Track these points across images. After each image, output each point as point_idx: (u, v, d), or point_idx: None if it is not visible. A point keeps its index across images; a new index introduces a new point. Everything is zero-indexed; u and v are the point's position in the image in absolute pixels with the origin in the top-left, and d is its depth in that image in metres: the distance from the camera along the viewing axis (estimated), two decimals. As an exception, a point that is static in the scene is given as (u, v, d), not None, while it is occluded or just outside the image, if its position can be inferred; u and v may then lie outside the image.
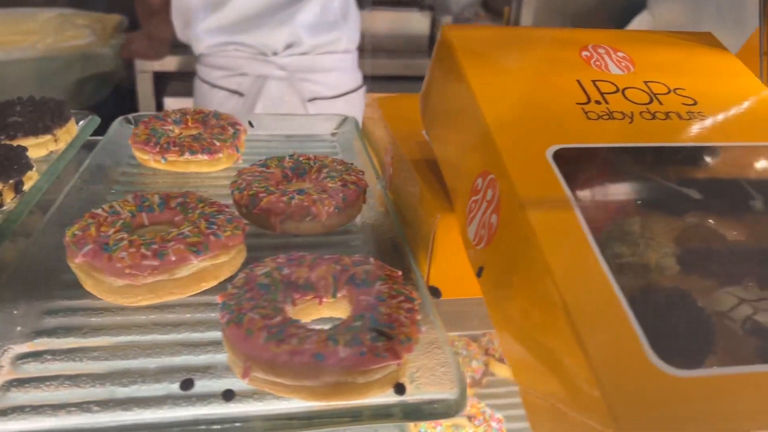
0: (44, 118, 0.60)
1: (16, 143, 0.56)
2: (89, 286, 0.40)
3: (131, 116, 0.68)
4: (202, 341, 0.39)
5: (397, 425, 0.76)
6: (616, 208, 0.40)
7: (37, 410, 0.33)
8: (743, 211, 0.42)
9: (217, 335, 0.39)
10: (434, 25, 1.94)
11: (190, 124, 0.65)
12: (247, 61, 1.40)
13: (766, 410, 0.27)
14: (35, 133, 0.59)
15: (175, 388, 0.35)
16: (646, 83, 0.43)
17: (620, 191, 0.41)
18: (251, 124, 0.70)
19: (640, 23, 1.80)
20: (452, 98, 0.45)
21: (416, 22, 1.86)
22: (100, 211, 0.44)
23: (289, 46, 1.40)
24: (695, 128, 0.40)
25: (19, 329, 0.39)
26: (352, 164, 0.55)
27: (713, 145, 0.40)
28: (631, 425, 0.26)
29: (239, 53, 1.40)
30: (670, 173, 0.42)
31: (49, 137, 0.60)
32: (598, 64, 0.44)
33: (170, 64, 1.65)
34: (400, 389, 0.34)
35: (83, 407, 0.33)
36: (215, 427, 0.32)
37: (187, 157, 0.58)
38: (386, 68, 1.68)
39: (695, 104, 0.42)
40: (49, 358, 0.37)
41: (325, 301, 0.39)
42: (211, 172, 0.60)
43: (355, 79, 1.51)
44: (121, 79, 1.78)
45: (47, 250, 0.45)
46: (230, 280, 0.40)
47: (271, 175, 0.53)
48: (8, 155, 0.52)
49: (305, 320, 0.39)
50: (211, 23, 1.38)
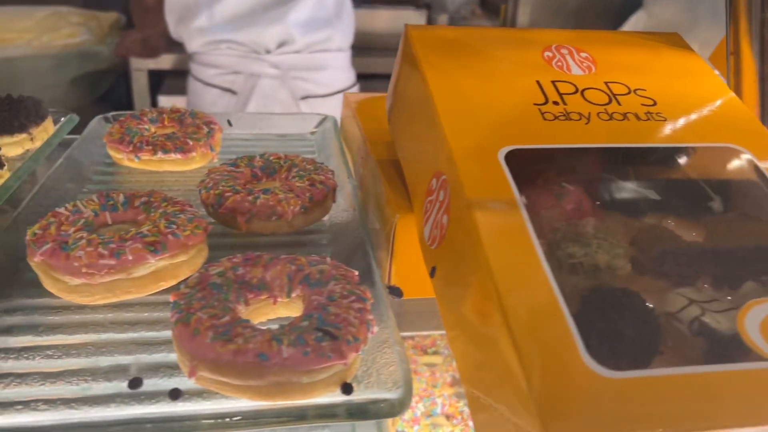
0: (20, 116, 0.61)
1: (-10, 142, 0.57)
2: (48, 284, 0.41)
3: (110, 115, 0.69)
4: (157, 340, 0.39)
5: (375, 425, 0.77)
6: (567, 208, 0.40)
7: (-18, 408, 0.33)
8: (701, 212, 0.42)
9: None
10: (430, 23, 1.93)
11: (166, 123, 0.65)
12: (239, 59, 1.40)
13: (695, 411, 0.27)
14: (10, 131, 0.60)
15: (125, 386, 0.35)
16: (606, 84, 0.43)
17: (573, 192, 0.41)
18: (229, 123, 0.71)
19: (636, 22, 1.80)
20: (412, 98, 0.45)
21: (412, 20, 1.85)
22: (62, 210, 0.44)
23: (281, 44, 1.40)
24: (652, 129, 0.40)
25: (-24, 328, 0.39)
26: (322, 164, 0.55)
27: (669, 145, 0.40)
28: (559, 426, 0.26)
29: (232, 51, 1.40)
30: (626, 174, 0.42)
31: (24, 136, 0.60)
32: (559, 64, 0.44)
33: (165, 62, 1.66)
34: (347, 389, 0.34)
35: (30, 406, 0.33)
36: (160, 425, 0.32)
37: (160, 156, 0.58)
38: (381, 67, 1.68)
39: (655, 105, 0.42)
40: (2, 356, 0.37)
41: (279, 300, 0.39)
42: (185, 171, 0.61)
43: (348, 77, 1.51)
44: (117, 77, 1.79)
45: (11, 249, 0.45)
46: (190, 279, 0.41)
47: (240, 174, 0.53)
48: (-21, 154, 0.53)
49: (260, 320, 0.39)
50: (203, 21, 1.38)
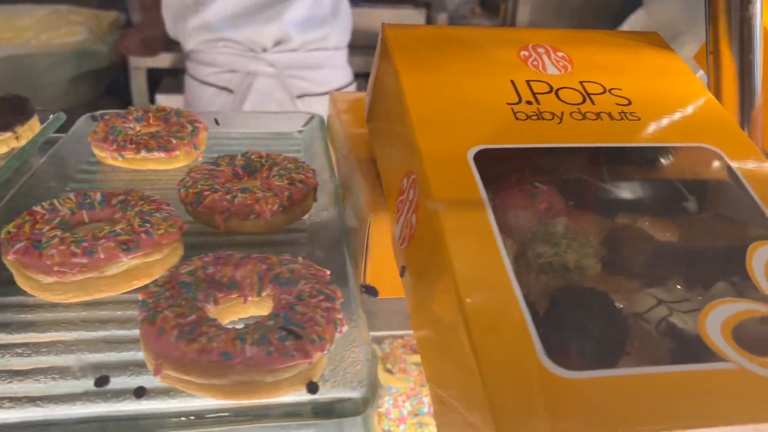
0: (5, 114, 0.61)
1: (-26, 141, 0.57)
2: (21, 283, 0.41)
3: (98, 113, 0.69)
4: (127, 338, 0.39)
5: (362, 424, 0.77)
6: (540, 208, 0.40)
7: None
8: (676, 212, 0.42)
9: (142, 333, 0.39)
10: (430, 22, 1.93)
11: (151, 121, 0.65)
12: (236, 57, 1.40)
13: (652, 412, 0.27)
14: (-5, 130, 0.60)
15: (92, 384, 0.35)
16: (581, 83, 0.43)
17: (545, 192, 0.40)
18: (216, 122, 0.71)
19: (636, 21, 1.79)
20: (387, 98, 0.45)
21: (411, 19, 1.85)
22: (38, 208, 0.44)
23: (278, 42, 1.40)
24: (626, 129, 0.40)
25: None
26: (303, 163, 0.55)
27: (642, 145, 0.40)
28: (512, 426, 0.26)
29: (228, 50, 1.40)
30: (601, 174, 0.42)
31: (9, 134, 0.60)
32: (535, 64, 0.44)
33: (164, 61, 1.66)
34: (312, 388, 0.34)
35: (-4, 403, 0.33)
36: (123, 423, 0.32)
37: (143, 154, 0.58)
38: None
39: (629, 104, 0.42)
40: (-29, 354, 0.37)
41: (250, 300, 0.39)
42: (169, 170, 0.61)
43: (345, 76, 1.51)
44: (116, 75, 1.79)
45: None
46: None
47: (220, 173, 0.53)
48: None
49: (230, 319, 0.39)
50: (200, 19, 1.38)
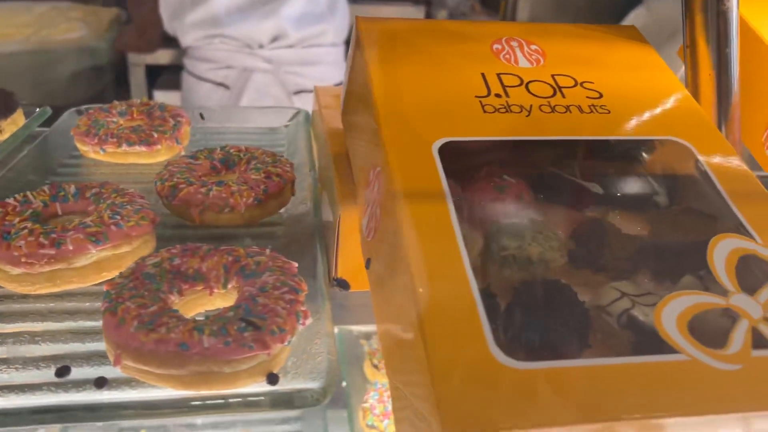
0: (-12, 108, 0.61)
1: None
2: (-10, 274, 0.41)
3: (83, 107, 0.69)
4: (94, 329, 0.39)
5: (347, 417, 0.77)
6: (508, 201, 0.40)
7: None
8: (646, 205, 0.41)
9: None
10: (429, 18, 1.92)
11: (135, 115, 0.65)
12: (232, 53, 1.40)
13: (601, 402, 0.27)
14: (-22, 123, 0.60)
15: (53, 375, 0.35)
16: (553, 76, 0.43)
17: (514, 184, 0.40)
18: (202, 116, 0.71)
19: (636, 17, 1.78)
20: (358, 91, 0.45)
21: (411, 16, 1.85)
22: (11, 200, 0.44)
23: (274, 38, 1.40)
24: (595, 122, 0.40)
25: None
26: (281, 156, 0.55)
27: (610, 138, 0.40)
28: (457, 416, 0.26)
29: (225, 46, 1.40)
30: (571, 167, 0.42)
31: (-8, 128, 0.61)
32: (507, 57, 0.44)
33: (162, 57, 1.66)
34: (272, 379, 0.35)
35: (-43, 393, 0.34)
36: (82, 414, 0.32)
37: (125, 148, 0.59)
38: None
39: (600, 98, 0.42)
40: (-64, 344, 0.37)
41: (215, 292, 0.39)
42: (151, 163, 0.61)
43: (342, 72, 1.51)
44: (116, 72, 1.79)
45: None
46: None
47: (198, 166, 0.53)
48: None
49: (197, 311, 0.39)
50: (197, 15, 1.38)
